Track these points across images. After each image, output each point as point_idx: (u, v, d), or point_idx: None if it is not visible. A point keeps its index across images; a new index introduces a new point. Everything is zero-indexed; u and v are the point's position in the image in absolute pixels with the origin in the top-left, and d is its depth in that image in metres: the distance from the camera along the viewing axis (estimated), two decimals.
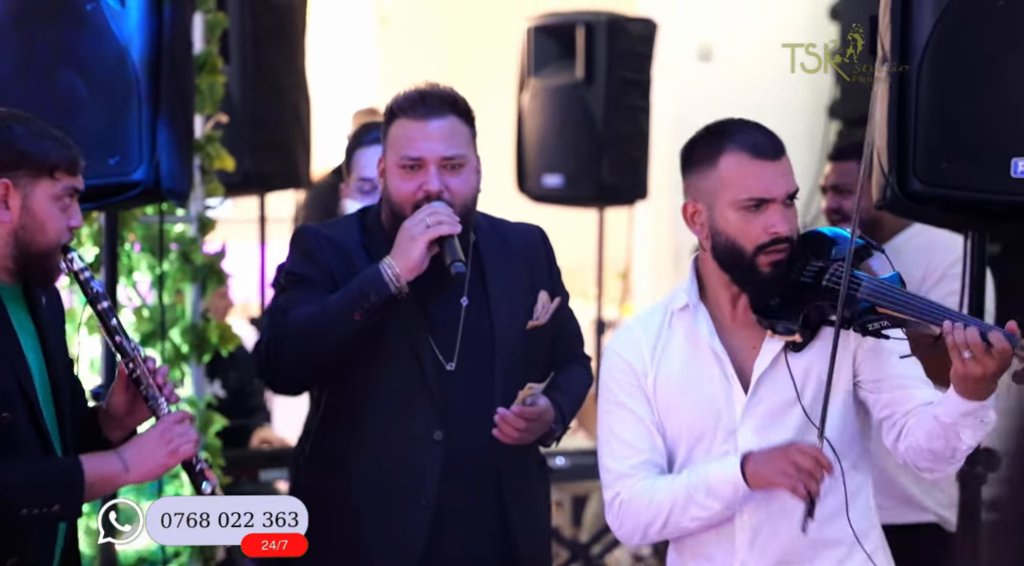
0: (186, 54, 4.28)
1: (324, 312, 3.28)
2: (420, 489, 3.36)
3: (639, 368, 3.12)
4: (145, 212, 4.99)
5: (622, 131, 7.04)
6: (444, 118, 3.34)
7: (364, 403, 3.39)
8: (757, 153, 3.05)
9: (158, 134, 4.07)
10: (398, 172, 3.34)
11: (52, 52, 4.00)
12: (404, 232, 3.29)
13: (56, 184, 2.93)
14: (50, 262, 2.95)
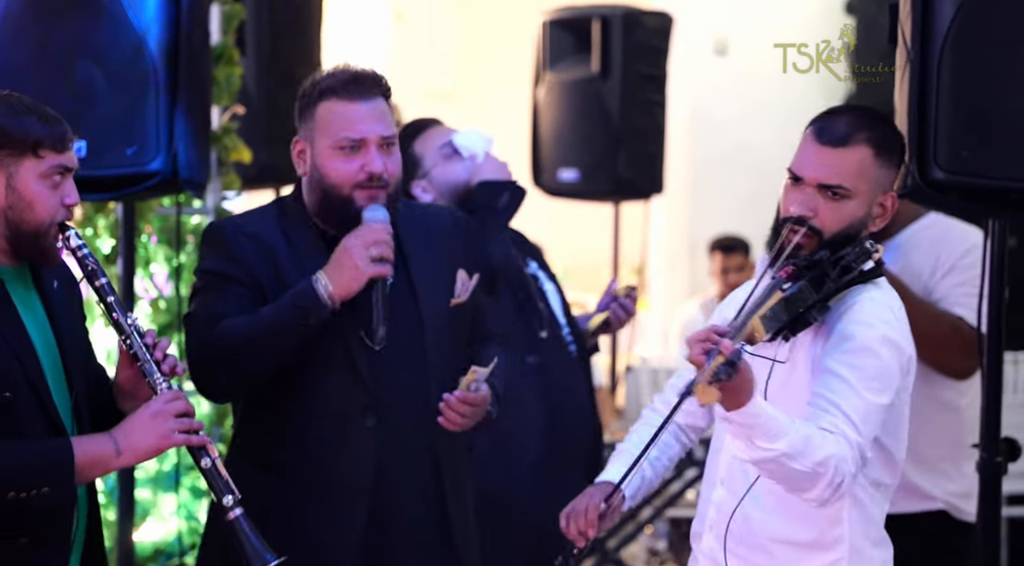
0: (203, 44, 4.27)
1: (256, 330, 3.21)
2: (355, 476, 3.29)
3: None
4: (162, 204, 4.99)
5: (638, 125, 7.03)
6: (375, 99, 3.31)
7: (292, 393, 3.31)
8: None
9: (175, 124, 4.06)
10: (334, 153, 3.27)
11: (69, 42, 3.99)
12: (348, 256, 3.21)
13: (41, 162, 2.87)
14: (44, 241, 2.90)
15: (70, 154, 2.93)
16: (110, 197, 4.28)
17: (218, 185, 5.12)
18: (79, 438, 2.88)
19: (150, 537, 4.98)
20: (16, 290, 2.93)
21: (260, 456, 3.34)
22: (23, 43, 4.02)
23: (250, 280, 3.28)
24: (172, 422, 2.87)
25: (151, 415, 2.88)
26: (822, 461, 2.81)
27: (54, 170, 2.89)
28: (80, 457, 2.81)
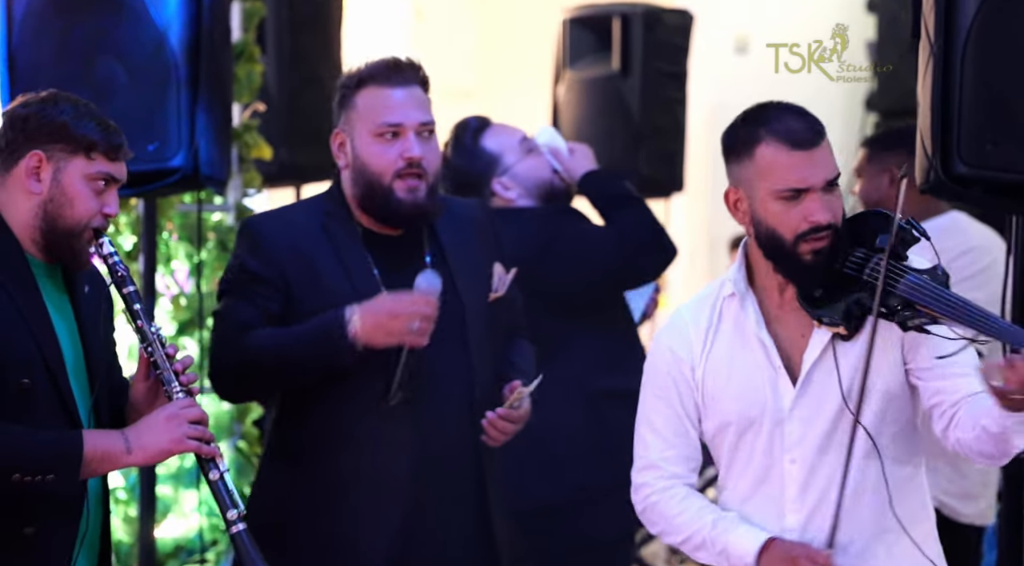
0: (224, 40, 4.28)
1: (279, 357, 3.21)
2: (392, 473, 3.29)
3: (686, 359, 3.10)
4: (183, 201, 5.00)
5: (658, 123, 7.00)
6: (414, 86, 3.33)
7: (329, 391, 3.29)
8: (794, 143, 3.02)
9: (196, 120, 4.07)
10: (373, 140, 3.28)
11: (90, 38, 4.01)
12: (391, 317, 3.18)
13: (91, 164, 2.93)
14: (77, 242, 2.94)
15: (120, 166, 2.99)
16: (131, 193, 4.28)
17: (239, 182, 5.13)
18: (91, 432, 2.89)
19: (171, 533, 4.98)
20: (45, 285, 2.95)
21: (295, 452, 3.34)
22: (45, 39, 4.03)
23: (280, 281, 3.27)
24: (185, 427, 2.88)
25: (166, 417, 2.89)
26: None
27: (101, 175, 2.95)
28: (89, 450, 2.82)
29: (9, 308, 2.85)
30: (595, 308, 4.33)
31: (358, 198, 3.31)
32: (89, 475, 2.87)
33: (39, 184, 2.93)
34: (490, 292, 3.44)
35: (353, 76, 3.35)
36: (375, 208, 3.30)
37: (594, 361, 4.27)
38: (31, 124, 2.94)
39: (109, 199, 2.98)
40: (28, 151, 2.92)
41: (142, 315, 2.97)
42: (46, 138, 2.92)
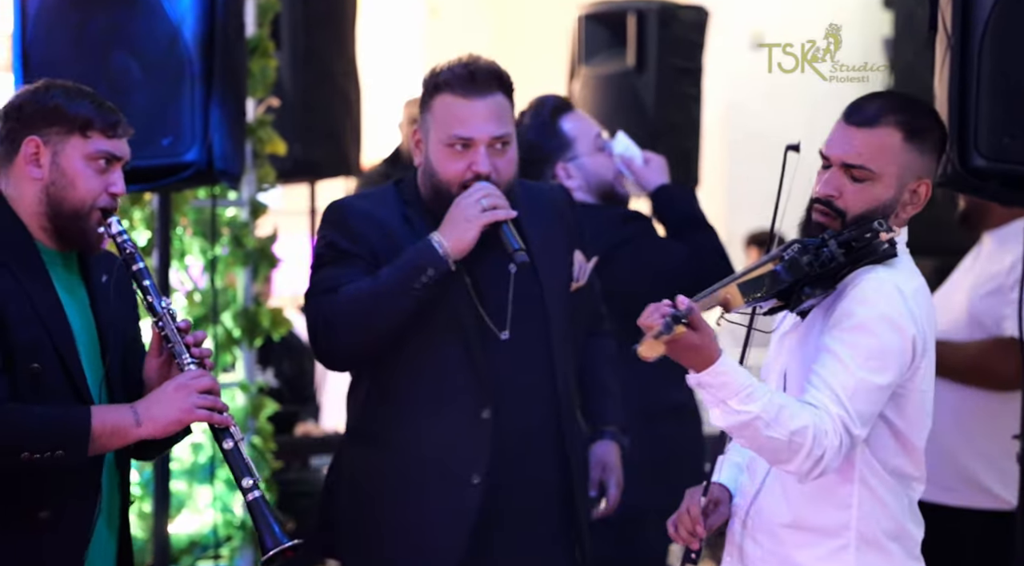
0: (238, 35, 4.28)
1: (378, 287, 3.23)
2: (469, 467, 3.30)
3: None
4: (197, 196, 5.00)
5: (673, 120, 6.98)
6: (492, 95, 3.29)
7: (410, 380, 3.33)
8: None
9: (210, 115, 4.07)
10: (445, 150, 3.28)
11: (104, 32, 4.01)
12: (458, 211, 3.23)
13: (88, 143, 2.92)
14: (84, 223, 2.93)
15: (120, 143, 2.97)
16: (146, 188, 4.29)
17: (253, 178, 5.12)
18: (100, 407, 2.88)
19: (185, 529, 4.98)
20: (58, 272, 2.95)
21: (378, 438, 3.36)
22: (59, 34, 4.03)
23: (371, 257, 3.29)
24: (195, 397, 2.87)
25: (175, 388, 2.87)
26: (797, 431, 2.80)
27: (100, 154, 2.93)
28: (98, 424, 2.81)
29: (18, 294, 2.84)
30: None
31: (429, 199, 3.34)
32: (99, 450, 2.86)
33: (39, 169, 2.92)
34: (571, 281, 3.44)
35: (432, 78, 3.32)
36: (442, 212, 3.31)
37: (652, 376, 4.24)
38: (25, 111, 2.94)
39: (113, 178, 2.96)
40: (25, 138, 2.92)
41: (152, 291, 2.96)
42: (41, 123, 2.92)
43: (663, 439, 4.25)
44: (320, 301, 3.29)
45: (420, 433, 3.32)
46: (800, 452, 2.81)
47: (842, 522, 2.97)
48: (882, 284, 2.92)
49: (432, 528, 3.32)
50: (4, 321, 2.82)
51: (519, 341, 3.31)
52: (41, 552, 2.86)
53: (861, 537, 2.97)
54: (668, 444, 4.26)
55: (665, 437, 4.26)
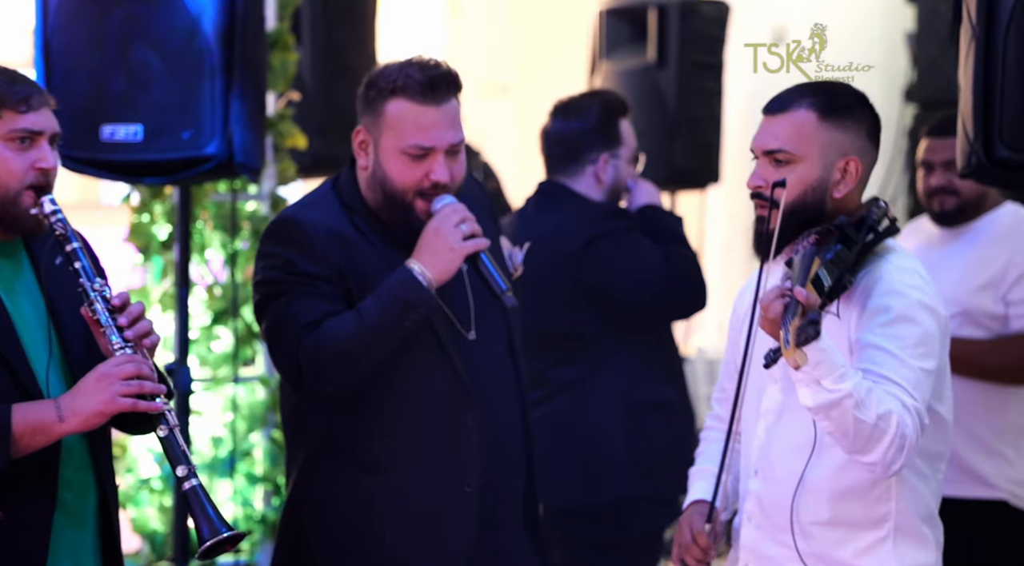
0: (258, 28, 4.28)
1: (365, 328, 3.06)
2: (461, 476, 3.19)
3: (735, 318, 3.24)
4: (217, 190, 5.00)
5: (694, 114, 6.97)
6: (449, 102, 3.16)
7: (391, 393, 3.16)
8: None
9: (231, 107, 4.07)
10: (401, 157, 3.12)
11: (124, 24, 4.01)
12: (439, 240, 3.08)
13: (2, 124, 2.79)
14: (14, 207, 2.81)
15: (36, 117, 2.83)
16: (166, 181, 4.29)
17: (273, 172, 5.12)
18: (22, 405, 2.75)
19: None
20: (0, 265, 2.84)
21: (362, 456, 3.18)
22: (79, 25, 4.04)
23: (339, 279, 3.13)
24: (117, 385, 2.74)
25: (97, 377, 2.75)
26: (884, 415, 2.78)
27: (16, 133, 2.81)
28: (19, 424, 2.70)
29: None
30: (636, 318, 4.34)
31: (376, 204, 3.19)
32: (24, 451, 2.73)
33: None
34: (509, 271, 3.37)
35: (385, 80, 3.16)
36: (393, 219, 3.18)
37: (639, 372, 4.28)
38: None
39: (39, 154, 2.82)
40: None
41: (84, 272, 2.81)
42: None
43: (652, 434, 4.29)
44: (302, 339, 3.08)
45: (408, 447, 3.18)
46: (884, 439, 2.78)
47: (882, 514, 2.96)
48: (904, 272, 2.93)
49: (431, 544, 3.20)
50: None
51: (484, 340, 3.21)
52: None
53: (899, 527, 2.97)
54: (657, 439, 4.29)
55: (654, 433, 4.30)
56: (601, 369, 4.22)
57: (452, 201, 3.15)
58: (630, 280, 4.28)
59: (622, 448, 4.21)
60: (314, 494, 3.21)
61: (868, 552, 2.95)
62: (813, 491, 2.96)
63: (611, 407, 4.21)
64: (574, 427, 4.22)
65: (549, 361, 4.25)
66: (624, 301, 4.29)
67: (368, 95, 3.19)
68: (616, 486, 4.23)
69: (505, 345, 3.28)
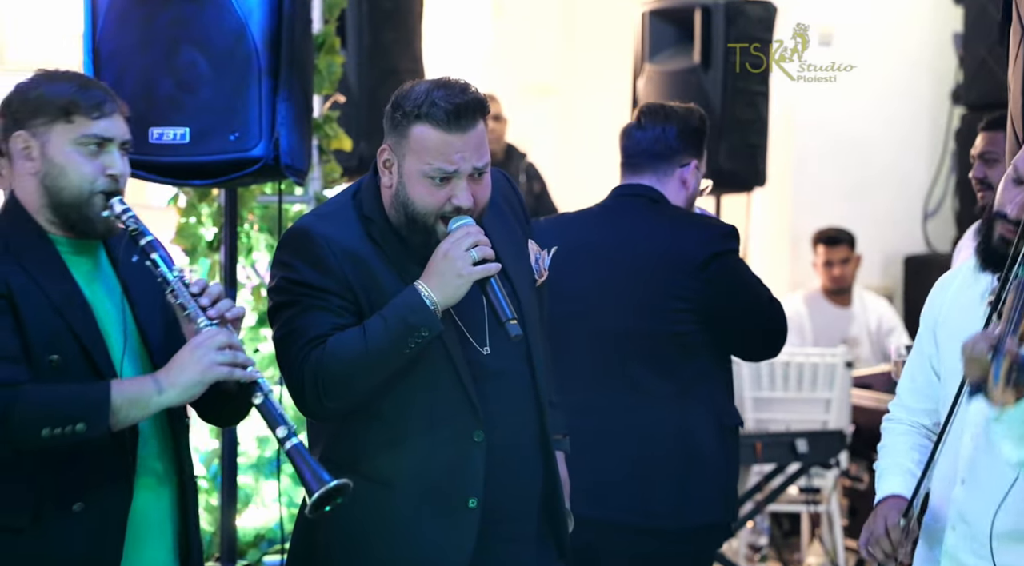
0: (305, 30, 4.29)
1: (369, 350, 3.07)
2: (465, 492, 3.17)
3: (934, 311, 3.22)
4: (264, 192, 5.02)
5: (740, 117, 6.93)
6: (475, 127, 3.11)
7: (399, 407, 3.16)
8: None
9: (277, 110, 4.08)
10: (423, 181, 3.10)
11: (173, 26, 4.03)
12: (448, 265, 3.07)
13: (73, 128, 2.88)
14: (87, 209, 2.90)
15: (108, 123, 2.91)
16: (213, 183, 4.31)
17: (319, 174, 5.13)
18: (119, 379, 2.85)
19: (252, 523, 5.00)
20: (77, 262, 2.93)
21: (368, 468, 3.17)
22: (128, 28, 4.06)
23: (349, 294, 3.13)
24: (213, 354, 2.83)
25: (191, 349, 2.84)
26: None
27: (88, 139, 2.89)
28: (117, 395, 2.79)
29: (31, 288, 2.82)
30: (736, 341, 4.23)
31: (398, 223, 3.17)
32: (123, 422, 2.82)
33: (32, 163, 2.90)
34: (534, 276, 3.34)
35: (411, 103, 3.12)
36: (414, 238, 3.17)
37: (723, 394, 4.20)
38: (12, 107, 2.92)
39: (109, 160, 2.91)
40: (13, 134, 2.91)
41: (162, 261, 2.91)
42: (26, 115, 2.90)
43: (733, 459, 4.22)
44: (305, 355, 3.09)
45: (413, 460, 3.17)
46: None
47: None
48: None
49: (430, 559, 3.19)
50: (18, 316, 2.80)
51: (500, 354, 3.19)
52: (76, 546, 2.84)
53: None
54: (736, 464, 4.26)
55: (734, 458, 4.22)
56: (696, 387, 4.11)
57: (468, 223, 3.13)
58: (746, 305, 4.16)
59: (720, 472, 4.12)
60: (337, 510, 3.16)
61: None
62: (1017, 505, 2.95)
63: (708, 428, 4.10)
64: (672, 445, 4.09)
65: (645, 368, 4.11)
66: (736, 324, 4.16)
67: (394, 116, 3.18)
68: (711, 511, 4.11)
69: (522, 357, 3.25)
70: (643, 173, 4.21)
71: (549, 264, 3.39)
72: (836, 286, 7.71)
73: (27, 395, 2.76)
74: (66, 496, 2.83)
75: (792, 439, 6.00)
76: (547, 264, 3.38)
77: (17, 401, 2.73)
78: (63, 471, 2.83)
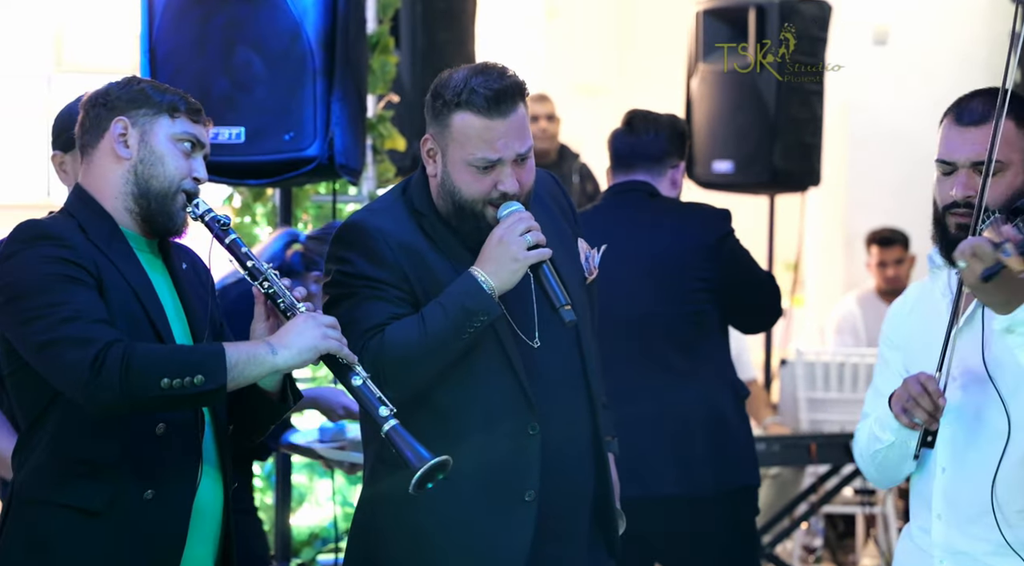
0: (360, 31, 4.31)
1: (428, 336, 3.08)
2: (521, 484, 3.16)
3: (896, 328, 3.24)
4: (318, 192, 5.04)
5: (794, 116, 6.91)
6: (515, 112, 3.12)
7: (455, 400, 3.16)
8: None
9: (332, 110, 4.10)
10: (467, 169, 3.10)
11: (228, 28, 4.06)
12: (503, 249, 3.08)
13: (175, 124, 2.98)
14: (171, 203, 2.98)
15: (203, 129, 3.02)
16: (268, 183, 4.33)
17: (373, 173, 5.15)
18: (230, 342, 2.92)
19: (306, 522, 5.03)
20: (145, 258, 3.00)
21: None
22: (184, 28, 4.09)
23: (405, 285, 3.14)
24: (324, 328, 2.89)
25: (304, 319, 2.90)
26: None
27: (187, 136, 2.98)
28: (232, 352, 2.84)
29: (114, 275, 2.90)
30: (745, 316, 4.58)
31: (447, 212, 3.18)
32: (239, 380, 2.86)
33: (128, 149, 2.97)
34: (584, 273, 3.35)
35: (451, 92, 3.12)
36: (463, 227, 3.17)
37: (731, 366, 4.49)
38: (112, 97, 3.00)
39: (197, 164, 3.00)
40: (114, 119, 2.98)
41: (251, 256, 2.99)
42: (128, 105, 2.98)
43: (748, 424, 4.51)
44: (364, 344, 3.09)
45: (470, 454, 3.14)
46: None
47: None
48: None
49: (488, 552, 3.18)
50: (102, 289, 2.87)
51: (550, 348, 3.18)
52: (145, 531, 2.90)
53: None
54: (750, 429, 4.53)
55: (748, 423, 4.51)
56: (713, 362, 4.39)
57: (519, 209, 3.14)
58: (755, 280, 4.48)
59: (746, 437, 4.41)
60: (381, 495, 3.24)
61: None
62: (1011, 479, 2.98)
63: (728, 399, 4.38)
64: (704, 417, 4.34)
65: (669, 349, 4.37)
66: (745, 299, 4.47)
67: (435, 105, 3.17)
68: (746, 473, 4.38)
69: (574, 351, 3.25)
70: (636, 171, 4.49)
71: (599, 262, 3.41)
72: (890, 287, 7.66)
73: (144, 347, 2.83)
74: (139, 483, 2.89)
75: (847, 440, 5.97)
76: (597, 262, 3.39)
77: (136, 352, 2.79)
78: (139, 458, 2.89)
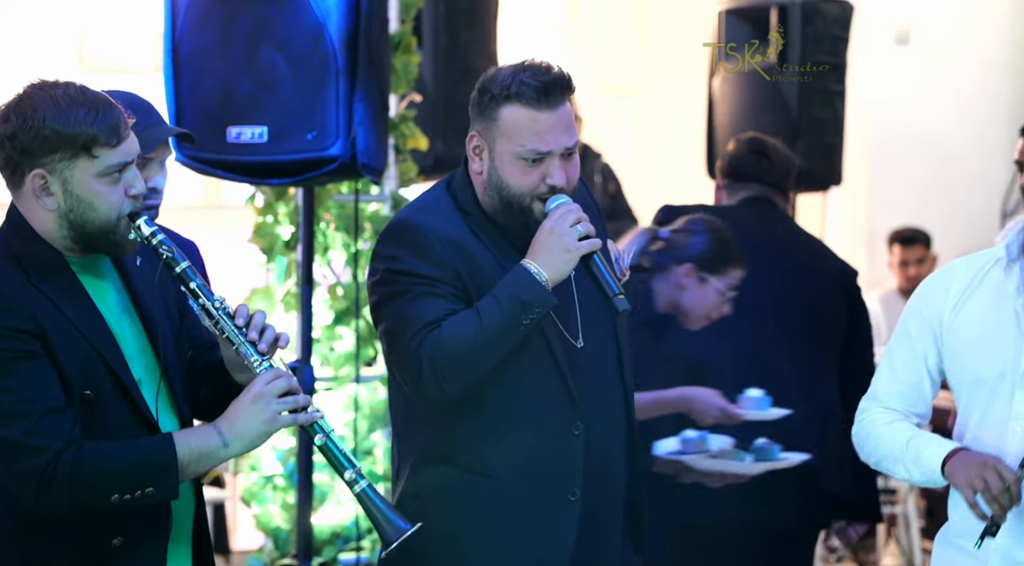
0: (382, 30, 4.32)
1: (485, 329, 3.07)
2: (566, 484, 3.18)
3: (936, 311, 3.16)
4: (340, 191, 5.05)
5: (816, 115, 6.89)
6: (563, 105, 3.14)
7: (501, 398, 3.16)
8: None
9: (354, 109, 4.11)
10: (516, 162, 3.12)
11: (251, 28, 4.07)
12: (555, 240, 3.08)
13: (96, 162, 2.71)
14: (113, 235, 2.77)
15: (127, 145, 2.76)
16: (290, 182, 4.34)
17: (395, 173, 5.16)
18: (182, 433, 2.77)
19: (327, 521, 5.03)
20: (89, 279, 2.82)
21: (468, 459, 3.18)
22: (208, 28, 4.10)
23: (457, 282, 3.14)
24: (275, 404, 2.74)
25: (252, 399, 2.74)
26: None
27: (111, 169, 2.74)
28: (184, 452, 2.71)
29: (59, 319, 2.71)
30: None
31: (493, 209, 3.18)
32: (190, 477, 2.77)
33: (52, 199, 2.73)
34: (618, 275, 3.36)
35: (499, 86, 3.13)
36: (511, 223, 3.18)
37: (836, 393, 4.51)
38: (21, 141, 2.71)
39: (129, 180, 2.76)
40: (29, 171, 2.72)
41: (201, 291, 2.78)
42: (40, 151, 2.71)
43: None
44: (422, 340, 3.08)
45: (515, 452, 3.17)
46: None
47: None
48: None
49: (533, 552, 3.19)
50: (53, 353, 2.70)
51: (592, 348, 3.20)
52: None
53: None
54: None
55: None
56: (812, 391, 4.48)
57: (567, 201, 3.15)
58: None
59: None
60: (423, 493, 3.23)
61: None
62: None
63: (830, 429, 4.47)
64: None
65: None
66: None
67: (481, 101, 3.18)
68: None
69: (613, 353, 3.27)
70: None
71: (629, 263, 3.41)
72: (912, 286, 7.61)
73: (90, 457, 2.67)
74: (105, 531, 2.76)
75: None
76: (627, 263, 3.40)
77: (85, 462, 2.66)
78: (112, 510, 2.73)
